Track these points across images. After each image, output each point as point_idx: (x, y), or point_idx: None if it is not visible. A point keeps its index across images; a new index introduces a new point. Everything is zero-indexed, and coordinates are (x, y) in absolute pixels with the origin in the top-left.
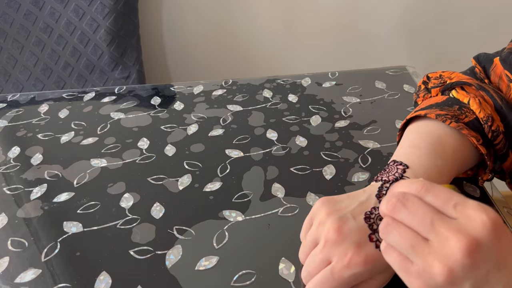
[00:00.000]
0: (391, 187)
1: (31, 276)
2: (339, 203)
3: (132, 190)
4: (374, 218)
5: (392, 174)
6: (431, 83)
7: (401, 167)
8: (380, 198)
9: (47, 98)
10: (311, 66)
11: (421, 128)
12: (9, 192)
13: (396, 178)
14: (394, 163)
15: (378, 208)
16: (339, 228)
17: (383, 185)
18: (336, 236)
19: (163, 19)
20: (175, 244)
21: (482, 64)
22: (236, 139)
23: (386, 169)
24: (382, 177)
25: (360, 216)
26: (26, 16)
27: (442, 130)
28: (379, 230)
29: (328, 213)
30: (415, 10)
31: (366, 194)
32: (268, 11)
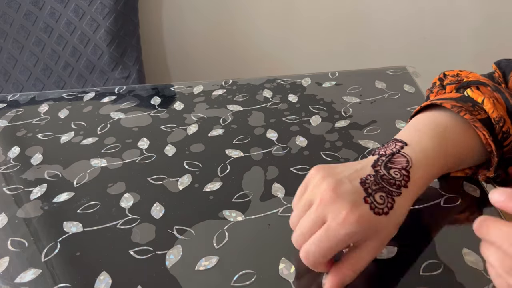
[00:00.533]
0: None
1: (31, 276)
2: (335, 168)
3: (132, 190)
4: (369, 183)
5: (389, 149)
6: (447, 80)
7: (399, 144)
8: (375, 168)
9: (47, 98)
10: (311, 66)
11: (430, 116)
12: (9, 192)
13: (392, 153)
14: (394, 140)
15: (372, 175)
16: (335, 188)
17: (379, 158)
18: (331, 194)
19: (163, 19)
20: (175, 244)
21: (502, 70)
22: (236, 139)
23: (385, 145)
24: (379, 152)
25: (356, 181)
26: (26, 16)
27: (452, 121)
28: (475, 228)
29: (323, 176)
30: (415, 10)
31: (361, 164)
32: (268, 11)
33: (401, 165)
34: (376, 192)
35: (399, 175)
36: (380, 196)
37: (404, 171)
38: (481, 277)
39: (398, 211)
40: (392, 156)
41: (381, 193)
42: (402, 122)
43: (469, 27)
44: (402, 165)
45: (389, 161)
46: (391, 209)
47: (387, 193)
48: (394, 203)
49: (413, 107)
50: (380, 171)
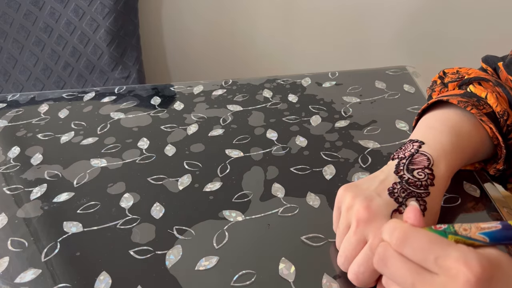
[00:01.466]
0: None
1: (31, 276)
2: (361, 185)
3: (132, 190)
4: (398, 191)
5: (408, 150)
6: (448, 78)
7: (416, 144)
8: (398, 174)
9: (47, 98)
10: (311, 66)
11: (439, 114)
12: (9, 192)
13: (412, 154)
14: (410, 142)
15: (398, 182)
16: (368, 207)
17: (400, 161)
18: (367, 214)
19: (163, 19)
20: (175, 244)
21: (493, 66)
22: (236, 139)
23: (402, 147)
24: (399, 155)
25: (384, 192)
26: (26, 16)
27: (461, 117)
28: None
29: (353, 196)
30: (415, 10)
31: (384, 173)
32: (268, 11)
33: (423, 164)
34: (406, 199)
35: (423, 175)
36: (412, 202)
37: (428, 170)
38: None
39: (432, 210)
40: (412, 157)
41: (412, 199)
42: (402, 122)
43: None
44: (424, 164)
45: (410, 162)
46: (425, 210)
47: (417, 197)
48: (426, 204)
49: (413, 107)
50: (404, 175)
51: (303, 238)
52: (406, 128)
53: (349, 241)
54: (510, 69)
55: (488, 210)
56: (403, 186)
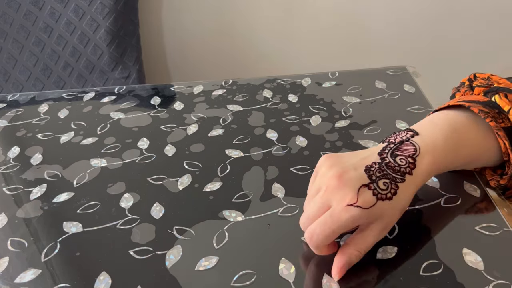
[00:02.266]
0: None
1: (31, 276)
2: (342, 157)
3: (132, 190)
4: (374, 170)
5: (400, 136)
6: (477, 82)
7: (411, 133)
8: (381, 155)
9: (47, 98)
10: (311, 66)
11: (451, 114)
12: (8, 192)
13: (402, 140)
14: (406, 130)
15: (378, 162)
16: (340, 176)
17: (388, 145)
18: (336, 182)
19: (163, 19)
20: (175, 244)
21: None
22: (236, 139)
23: (396, 133)
24: (389, 139)
25: (361, 168)
26: (26, 16)
27: (474, 124)
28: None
29: (330, 165)
30: (415, 10)
31: (368, 152)
32: (268, 11)
33: (408, 152)
34: (380, 178)
35: (404, 162)
36: (384, 182)
37: (410, 159)
38: (481, 277)
39: (401, 196)
40: (401, 144)
41: (385, 180)
42: (402, 122)
43: (469, 27)
44: (409, 153)
45: (397, 148)
46: (395, 194)
47: (391, 180)
48: (397, 189)
49: (413, 107)
50: (386, 158)
51: (303, 238)
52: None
53: (315, 203)
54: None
55: (488, 210)
56: (381, 167)
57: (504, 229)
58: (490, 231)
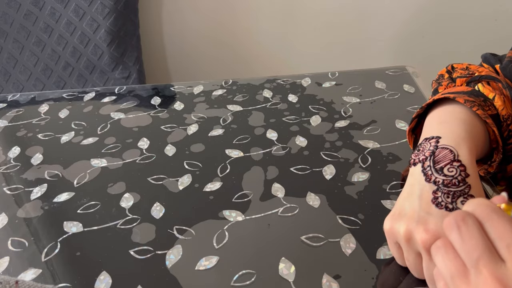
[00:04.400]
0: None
1: (31, 276)
2: (403, 210)
3: (132, 190)
4: (442, 199)
5: (427, 149)
6: (457, 73)
7: (433, 140)
8: (430, 180)
9: (47, 98)
10: (311, 66)
11: (447, 109)
12: (9, 192)
13: (432, 151)
14: (426, 140)
15: (437, 189)
16: (427, 230)
17: (424, 165)
18: (431, 238)
19: (163, 19)
20: (175, 244)
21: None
22: (236, 139)
23: (419, 148)
24: (419, 157)
25: (431, 207)
26: (26, 16)
27: (469, 114)
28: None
29: (405, 226)
30: (415, 10)
31: (416, 187)
32: (268, 11)
33: (448, 158)
34: (453, 203)
35: (454, 171)
36: (461, 201)
37: (456, 162)
38: None
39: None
40: (434, 154)
41: (459, 199)
42: (402, 122)
43: (469, 27)
44: (449, 158)
45: (435, 162)
46: None
47: (460, 195)
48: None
49: (413, 107)
50: (437, 179)
51: (303, 238)
52: (406, 128)
53: (445, 262)
54: (506, 71)
55: None
56: (443, 190)
57: None
58: None
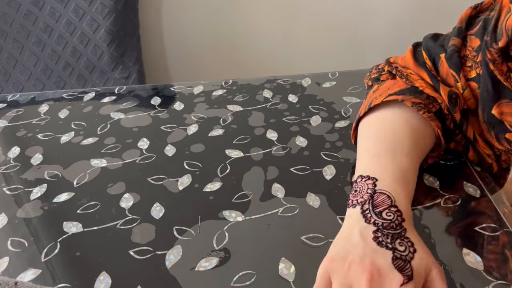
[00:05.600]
0: None
1: (31, 276)
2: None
3: (132, 190)
4: (383, 239)
5: (365, 192)
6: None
7: (370, 182)
8: (370, 222)
9: (47, 98)
10: (311, 66)
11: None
12: (9, 192)
13: (371, 195)
14: (362, 179)
15: (377, 230)
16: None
17: (363, 207)
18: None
19: (163, 19)
20: (175, 244)
21: (432, 57)
22: (236, 139)
23: (356, 187)
24: (357, 200)
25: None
26: (26, 16)
27: (415, 117)
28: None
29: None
30: (415, 10)
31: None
32: (268, 11)
33: (386, 203)
34: (392, 243)
35: (392, 215)
36: (399, 243)
37: (393, 208)
38: (481, 277)
39: (416, 240)
40: (372, 198)
41: (397, 241)
42: None
43: None
44: (387, 204)
45: (373, 205)
46: (413, 245)
47: (398, 237)
48: (410, 239)
49: None
50: (376, 221)
51: (303, 238)
52: None
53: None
54: (452, 62)
55: (488, 210)
56: (383, 232)
57: (504, 229)
58: (490, 231)
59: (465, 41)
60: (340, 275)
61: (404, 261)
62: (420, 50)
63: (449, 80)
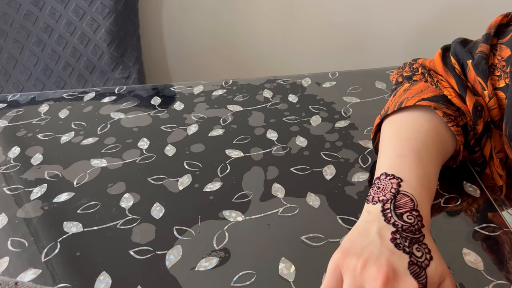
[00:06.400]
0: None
1: (31, 276)
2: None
3: (132, 190)
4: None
5: (388, 191)
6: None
7: (395, 182)
8: (389, 222)
9: (47, 98)
10: (311, 66)
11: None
12: (9, 192)
13: (394, 195)
14: (386, 177)
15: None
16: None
17: (384, 206)
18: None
19: (163, 19)
20: (175, 244)
21: (461, 62)
22: (236, 139)
23: (379, 184)
24: (379, 197)
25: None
26: (26, 16)
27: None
28: None
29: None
30: (415, 10)
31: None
32: (268, 11)
33: (408, 206)
34: (410, 247)
35: (413, 219)
36: (417, 248)
37: (415, 212)
38: (481, 277)
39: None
40: (395, 198)
41: (416, 245)
42: None
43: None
44: (409, 207)
45: (395, 206)
46: (429, 252)
47: (416, 242)
48: (427, 246)
49: None
50: (396, 222)
51: (303, 238)
52: None
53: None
54: (479, 69)
55: (488, 210)
56: (402, 234)
57: (504, 229)
58: (490, 231)
59: (494, 49)
60: (353, 272)
61: (420, 268)
62: (448, 55)
63: (477, 87)
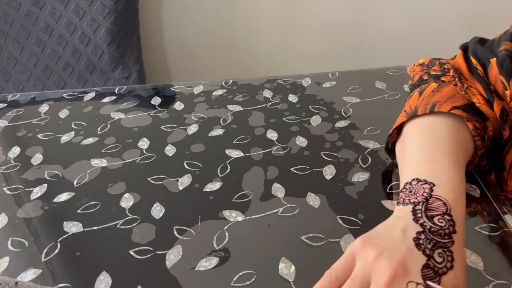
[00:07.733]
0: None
1: (31, 276)
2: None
3: (132, 190)
4: (424, 242)
5: (420, 194)
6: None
7: (427, 187)
8: (418, 221)
9: (47, 98)
10: (311, 66)
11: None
12: (9, 192)
13: (426, 198)
14: (418, 182)
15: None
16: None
17: (415, 207)
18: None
19: (163, 19)
20: (175, 244)
21: (482, 62)
22: (236, 139)
23: (410, 189)
24: (410, 199)
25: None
26: (27, 16)
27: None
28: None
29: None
30: (415, 10)
31: (402, 221)
32: (268, 11)
33: (441, 210)
34: (431, 251)
35: (444, 223)
36: (439, 253)
37: (447, 216)
38: (481, 277)
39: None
40: (427, 201)
41: (438, 250)
42: None
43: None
44: (442, 210)
45: (427, 208)
46: (453, 261)
47: (441, 247)
48: (452, 254)
49: None
50: (425, 223)
51: (303, 238)
52: None
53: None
54: (503, 68)
55: (488, 210)
56: (427, 236)
57: (504, 229)
58: (490, 231)
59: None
60: (364, 260)
61: (435, 273)
62: (468, 56)
63: (498, 86)
